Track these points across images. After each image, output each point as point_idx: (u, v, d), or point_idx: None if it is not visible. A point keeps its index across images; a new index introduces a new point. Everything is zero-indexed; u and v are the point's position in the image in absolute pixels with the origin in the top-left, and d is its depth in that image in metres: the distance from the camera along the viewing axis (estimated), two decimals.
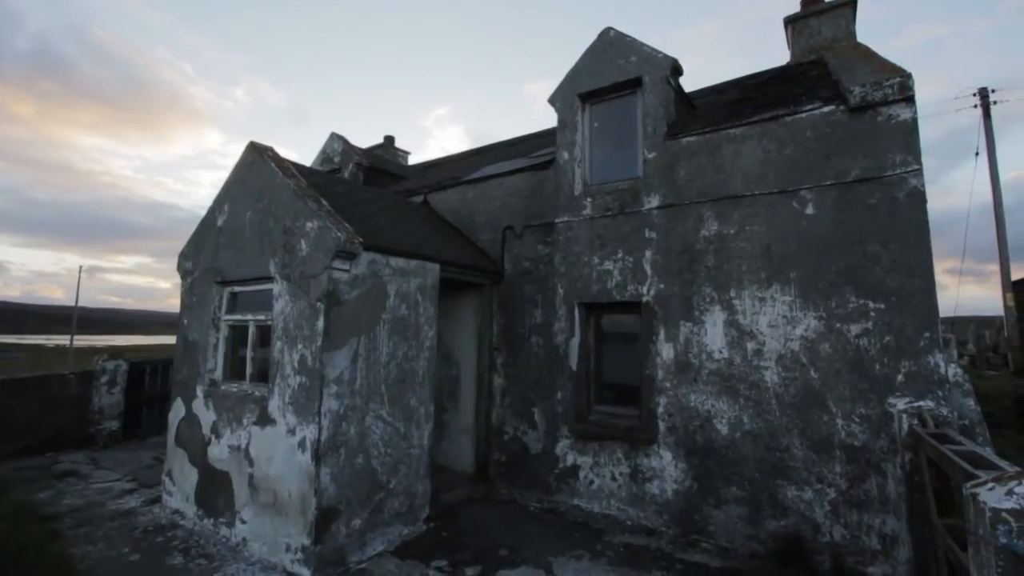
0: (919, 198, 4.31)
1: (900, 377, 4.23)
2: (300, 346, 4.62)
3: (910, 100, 4.43)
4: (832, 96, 4.94)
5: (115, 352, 9.07)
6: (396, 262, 5.22)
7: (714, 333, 5.12)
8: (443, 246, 6.25)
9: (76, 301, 38.85)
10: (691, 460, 5.10)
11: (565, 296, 6.20)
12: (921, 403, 4.07)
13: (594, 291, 5.98)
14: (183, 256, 6.22)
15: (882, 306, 4.36)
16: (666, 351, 5.38)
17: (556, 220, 6.41)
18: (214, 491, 5.19)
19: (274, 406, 4.75)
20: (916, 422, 3.93)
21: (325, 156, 9.85)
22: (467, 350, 6.92)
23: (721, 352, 5.05)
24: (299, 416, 4.51)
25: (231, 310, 5.69)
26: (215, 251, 5.74)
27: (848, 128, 4.68)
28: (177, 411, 5.87)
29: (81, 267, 39.25)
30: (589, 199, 6.18)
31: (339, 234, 4.50)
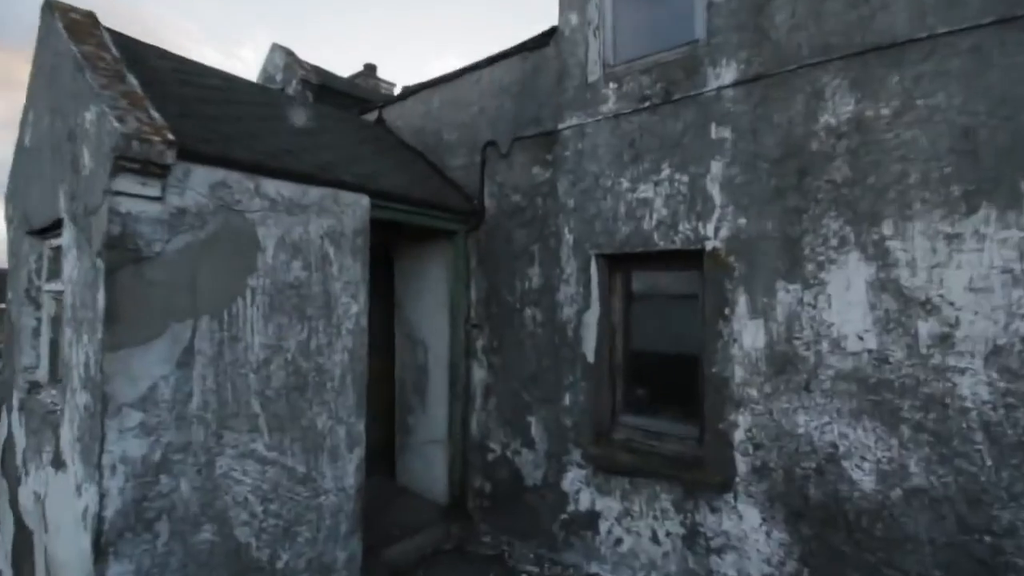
0: None
1: None
2: (85, 338, 2.57)
3: None
4: None
5: None
6: (276, 188, 3.03)
7: (846, 303, 2.79)
8: (383, 171, 4.02)
9: None
10: (797, 527, 2.91)
11: (576, 244, 3.93)
12: None
13: (622, 235, 3.68)
14: (7, 197, 4.21)
15: None
16: (750, 334, 3.10)
17: (560, 126, 4.06)
18: (24, 554, 3.35)
19: (66, 439, 2.77)
20: None
21: (266, 75, 7.60)
22: (437, 327, 4.79)
23: (861, 338, 2.74)
24: (84, 463, 2.51)
25: (54, 275, 3.68)
26: (25, 184, 3.71)
27: None
28: (1, 425, 4.02)
29: None
30: (613, 85, 3.79)
31: (118, 125, 2.32)
